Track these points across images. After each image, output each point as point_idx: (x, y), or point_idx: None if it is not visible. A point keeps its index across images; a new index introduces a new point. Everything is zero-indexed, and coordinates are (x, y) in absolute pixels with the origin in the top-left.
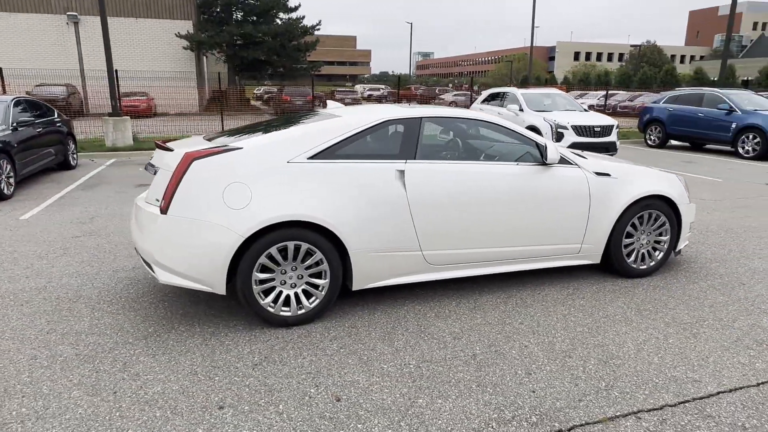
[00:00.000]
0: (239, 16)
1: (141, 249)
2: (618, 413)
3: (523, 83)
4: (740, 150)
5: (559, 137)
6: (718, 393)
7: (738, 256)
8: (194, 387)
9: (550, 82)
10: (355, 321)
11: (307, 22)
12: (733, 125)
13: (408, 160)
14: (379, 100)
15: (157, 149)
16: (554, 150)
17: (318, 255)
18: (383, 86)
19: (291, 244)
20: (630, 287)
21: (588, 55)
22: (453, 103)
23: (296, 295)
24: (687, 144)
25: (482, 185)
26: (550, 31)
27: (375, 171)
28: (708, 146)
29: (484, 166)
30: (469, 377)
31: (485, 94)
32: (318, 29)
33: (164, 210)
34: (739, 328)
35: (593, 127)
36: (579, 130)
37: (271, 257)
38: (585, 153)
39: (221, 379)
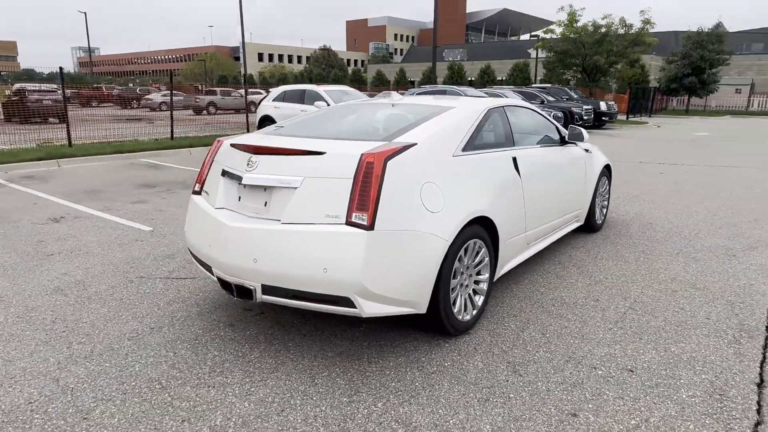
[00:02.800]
0: None
1: (328, 283)
2: None
3: (221, 82)
4: None
5: None
6: None
7: (612, 207)
8: (496, 411)
9: (249, 81)
10: (506, 309)
11: None
12: None
13: (512, 147)
14: (56, 101)
15: (262, 156)
16: (586, 133)
17: (484, 250)
18: (55, 86)
19: (471, 243)
20: (609, 238)
21: (271, 57)
22: (164, 104)
23: (469, 296)
24: None
25: (551, 167)
26: (229, 30)
27: (501, 159)
28: None
29: (547, 149)
30: (661, 323)
31: (277, 92)
32: None
33: (370, 225)
34: (728, 249)
35: None
36: None
37: (459, 260)
38: None
39: (503, 397)
